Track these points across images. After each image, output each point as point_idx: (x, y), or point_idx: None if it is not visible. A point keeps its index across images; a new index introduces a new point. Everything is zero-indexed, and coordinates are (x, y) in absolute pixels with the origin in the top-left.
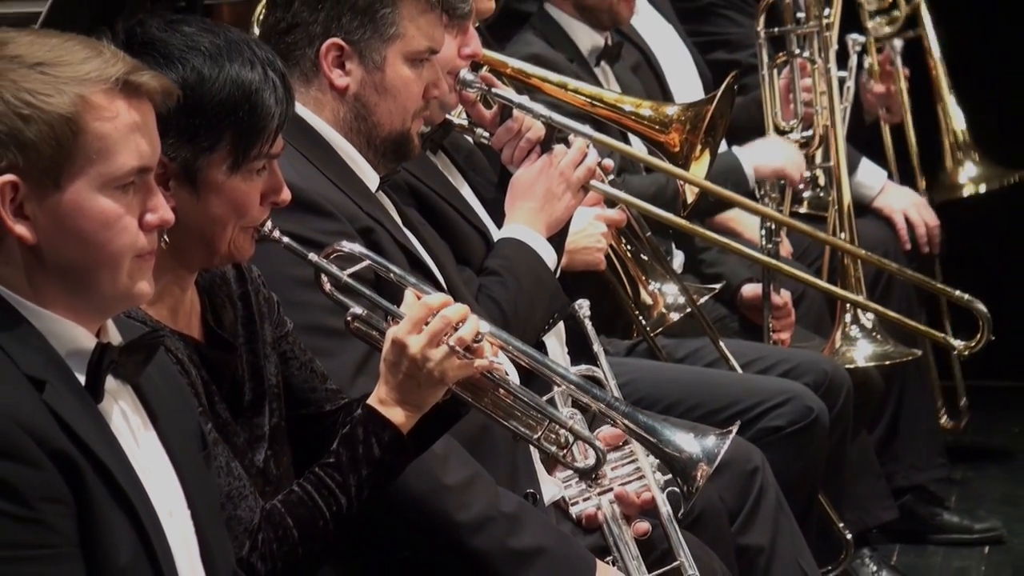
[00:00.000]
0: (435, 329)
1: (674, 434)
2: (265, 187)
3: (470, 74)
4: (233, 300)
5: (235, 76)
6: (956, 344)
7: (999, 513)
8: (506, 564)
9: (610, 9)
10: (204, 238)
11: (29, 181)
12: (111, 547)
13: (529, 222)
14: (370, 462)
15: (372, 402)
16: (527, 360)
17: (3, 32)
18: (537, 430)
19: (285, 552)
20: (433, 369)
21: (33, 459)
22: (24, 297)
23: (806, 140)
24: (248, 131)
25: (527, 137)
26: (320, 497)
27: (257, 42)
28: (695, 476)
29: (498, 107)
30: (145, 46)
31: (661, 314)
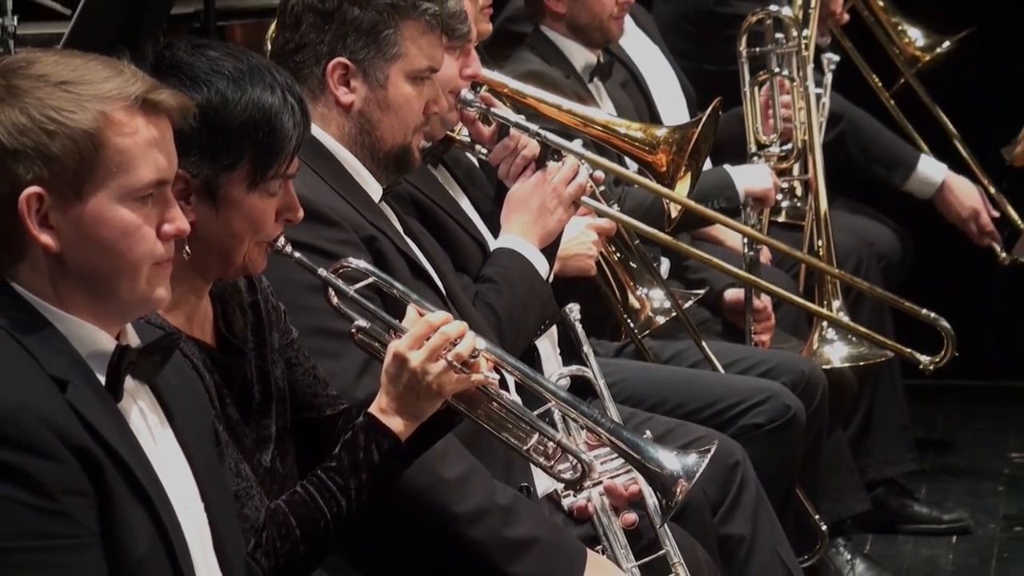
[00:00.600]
0: (435, 345)
1: (656, 452)
2: (280, 205)
3: (470, 94)
4: (244, 308)
5: (256, 99)
6: (922, 359)
7: (965, 505)
8: (502, 553)
9: (601, 27)
10: (221, 251)
11: (53, 193)
12: (130, 537)
13: (524, 234)
14: (370, 467)
15: (373, 411)
16: (520, 375)
17: (29, 52)
18: (527, 441)
19: (288, 550)
20: (432, 382)
21: (56, 454)
22: (48, 302)
23: (785, 153)
24: (267, 151)
25: (522, 154)
26: (322, 499)
27: (277, 68)
28: (675, 491)
29: (496, 125)
30: (173, 68)
31: (648, 317)
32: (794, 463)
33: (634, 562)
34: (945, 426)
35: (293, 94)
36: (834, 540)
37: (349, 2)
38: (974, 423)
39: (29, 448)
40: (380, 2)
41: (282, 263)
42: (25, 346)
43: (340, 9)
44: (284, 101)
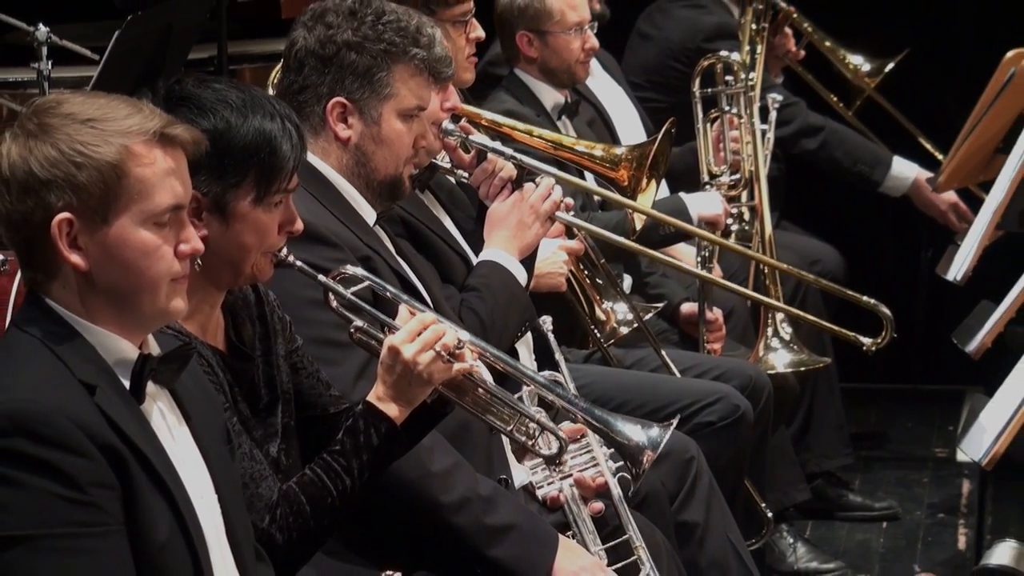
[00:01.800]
0: (426, 338)
1: (624, 426)
2: (282, 218)
3: (451, 124)
4: (252, 320)
5: (258, 125)
6: (865, 341)
7: (894, 494)
8: (483, 538)
9: (569, 70)
10: (231, 262)
11: (82, 218)
12: (151, 525)
13: (505, 247)
14: (369, 449)
15: (371, 399)
16: (501, 364)
17: (59, 94)
18: (510, 423)
19: (299, 524)
20: (423, 371)
21: (86, 451)
22: (78, 315)
23: (734, 183)
24: (269, 170)
25: (500, 176)
26: (328, 478)
27: (276, 99)
28: (642, 460)
29: (475, 152)
30: (182, 100)
31: (613, 328)
32: (743, 457)
33: (601, 546)
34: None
35: (291, 121)
36: (778, 526)
37: (346, 48)
38: (902, 422)
39: (62, 446)
40: (374, 48)
41: (287, 280)
42: (58, 355)
43: (338, 54)
44: (283, 127)
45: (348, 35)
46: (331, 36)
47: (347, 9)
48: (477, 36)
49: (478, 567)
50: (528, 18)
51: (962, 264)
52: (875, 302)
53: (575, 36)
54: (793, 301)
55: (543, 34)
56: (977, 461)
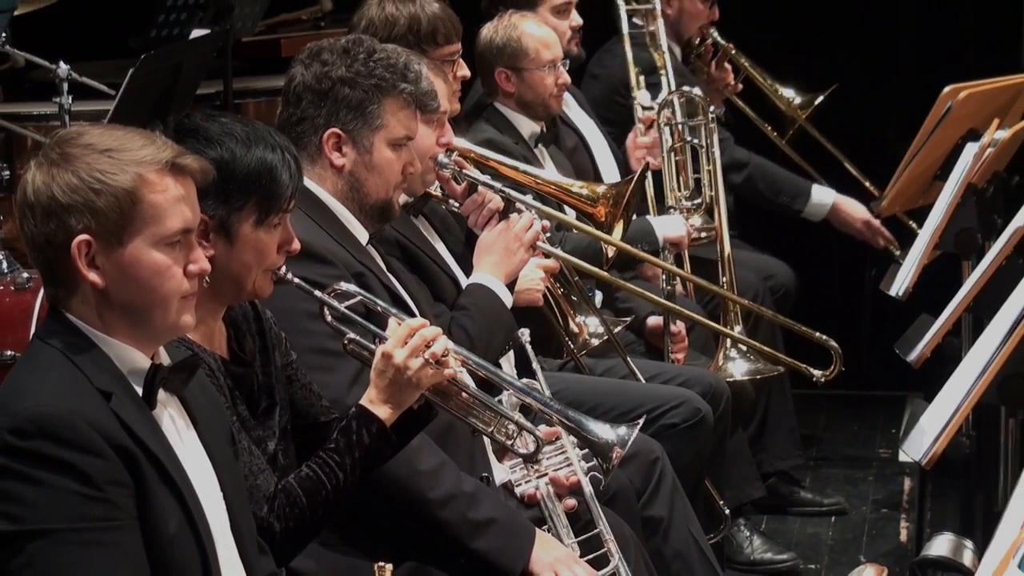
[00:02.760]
0: (414, 345)
1: (595, 426)
2: (281, 239)
3: (445, 158)
4: (252, 334)
5: (260, 156)
6: (815, 373)
7: (842, 491)
8: (466, 531)
9: (543, 103)
10: (234, 278)
11: (99, 240)
12: (162, 520)
13: (492, 271)
14: (361, 447)
15: (363, 402)
16: (483, 372)
17: (79, 126)
18: (491, 425)
19: (296, 514)
20: (412, 376)
21: (102, 452)
22: (95, 328)
23: (696, 206)
24: (269, 196)
25: (488, 207)
26: (323, 473)
27: (277, 132)
28: (611, 457)
29: (466, 184)
30: (191, 131)
31: (585, 340)
32: (703, 457)
33: (574, 539)
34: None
35: (290, 152)
36: (736, 520)
37: (340, 83)
38: (849, 425)
39: (80, 447)
40: (366, 83)
41: (286, 295)
42: (77, 364)
43: (333, 89)
44: (283, 158)
45: (342, 71)
46: (326, 72)
47: (341, 48)
48: (463, 75)
49: (462, 558)
50: (506, 56)
51: (903, 281)
52: (825, 337)
53: (548, 72)
54: (747, 319)
55: (519, 71)
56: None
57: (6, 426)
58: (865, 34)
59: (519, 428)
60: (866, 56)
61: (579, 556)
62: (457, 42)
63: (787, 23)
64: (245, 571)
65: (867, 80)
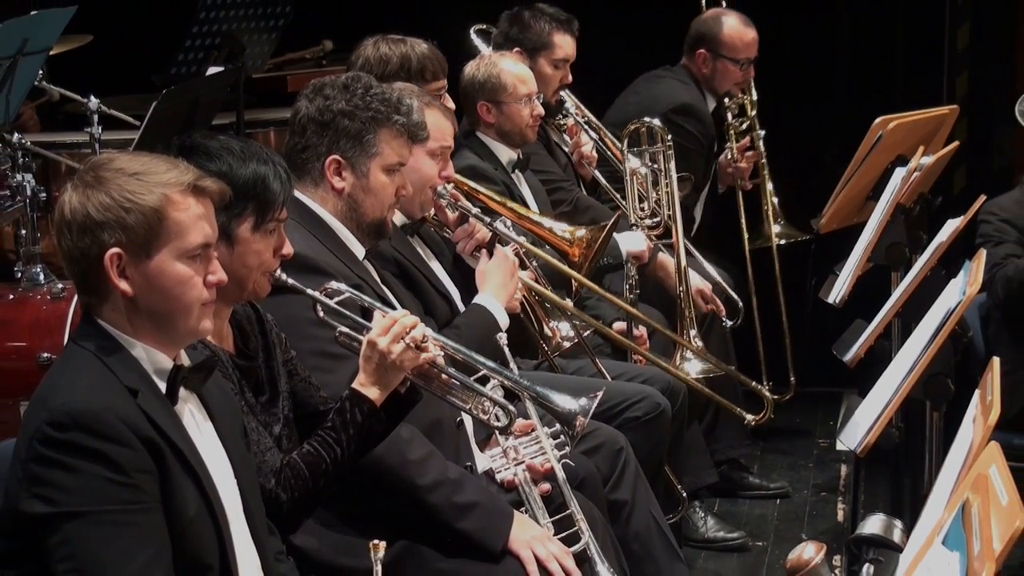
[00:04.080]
0: (396, 332)
1: (559, 397)
2: (276, 244)
3: (443, 189)
4: (256, 334)
5: (254, 168)
6: (747, 417)
7: (786, 476)
8: (452, 513)
9: (520, 133)
10: (237, 279)
11: (129, 253)
12: (183, 503)
13: (495, 294)
14: (355, 425)
15: (355, 385)
16: (460, 356)
17: (110, 153)
18: (468, 402)
19: (300, 485)
20: (395, 359)
21: (131, 443)
22: (124, 332)
23: (655, 224)
24: (264, 203)
25: (476, 237)
26: (322, 448)
27: (269, 148)
28: (576, 424)
29: (459, 214)
30: (193, 148)
31: (558, 343)
32: (663, 446)
33: (548, 520)
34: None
35: (280, 165)
36: (692, 503)
37: (340, 115)
38: (792, 418)
39: (111, 439)
40: (363, 115)
41: (290, 305)
42: (107, 365)
43: (334, 120)
44: (274, 169)
45: (342, 105)
46: (328, 106)
47: (341, 84)
48: (449, 107)
49: (449, 537)
50: (487, 91)
51: (840, 290)
52: (761, 387)
53: (525, 105)
54: (703, 323)
55: (499, 104)
56: (853, 450)
57: (45, 419)
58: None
59: (493, 403)
60: (807, 89)
61: (553, 535)
62: (443, 78)
63: None
64: (256, 549)
65: (808, 111)
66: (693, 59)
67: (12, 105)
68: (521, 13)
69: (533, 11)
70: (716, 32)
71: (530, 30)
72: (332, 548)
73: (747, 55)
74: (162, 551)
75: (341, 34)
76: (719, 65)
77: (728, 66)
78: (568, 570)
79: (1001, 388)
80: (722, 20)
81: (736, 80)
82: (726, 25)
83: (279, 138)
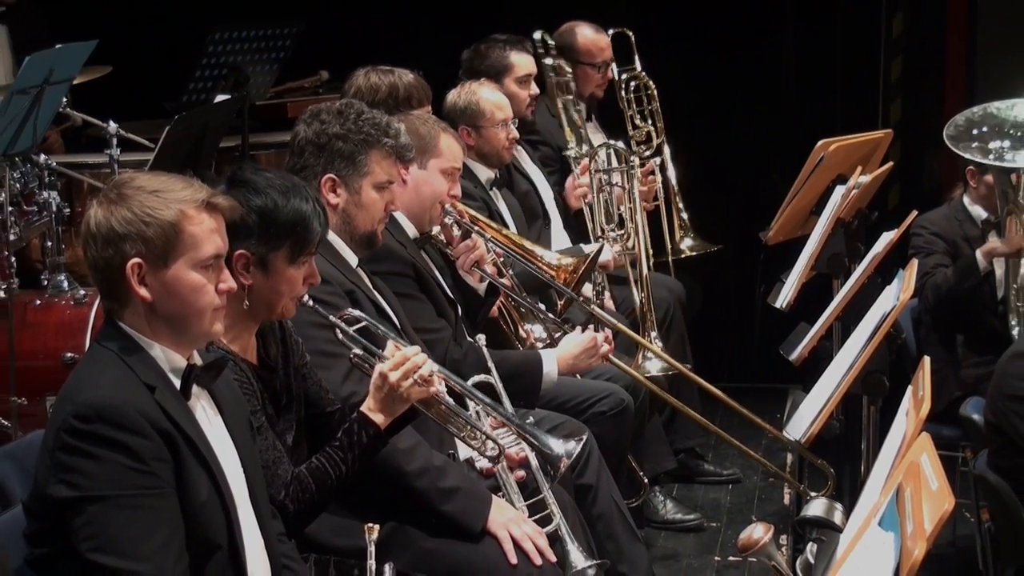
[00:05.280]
0: (406, 368)
1: (549, 440)
2: (306, 273)
3: (450, 208)
4: (276, 342)
5: (296, 206)
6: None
7: (737, 464)
8: (437, 497)
9: (497, 154)
10: (268, 303)
11: (148, 262)
12: (195, 490)
13: (563, 364)
14: (361, 445)
15: (364, 409)
16: (460, 388)
17: (131, 173)
18: (463, 431)
19: (307, 498)
20: (403, 392)
21: (148, 434)
22: (143, 334)
23: (620, 234)
24: (302, 241)
25: (475, 252)
26: (330, 466)
27: (310, 187)
28: (559, 466)
29: (461, 231)
30: (243, 182)
31: (532, 344)
32: (626, 437)
33: (523, 503)
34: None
35: (320, 205)
36: (652, 488)
37: (335, 138)
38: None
39: (131, 430)
40: (356, 138)
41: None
42: (128, 364)
43: (329, 143)
44: (315, 209)
45: (336, 128)
46: (324, 129)
47: (335, 110)
48: None
49: (434, 518)
50: (467, 116)
51: (786, 295)
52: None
53: (501, 129)
54: (663, 325)
55: (478, 128)
56: (798, 440)
57: (71, 412)
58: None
59: (485, 436)
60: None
61: (528, 517)
62: (428, 104)
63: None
64: (260, 531)
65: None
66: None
67: (39, 129)
68: (478, 47)
69: (487, 42)
70: (572, 42)
71: (489, 58)
72: (328, 530)
73: (603, 58)
74: (176, 532)
75: (336, 65)
76: (579, 72)
77: (588, 71)
78: (541, 549)
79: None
80: (575, 31)
81: (597, 83)
82: (580, 35)
83: (279, 159)
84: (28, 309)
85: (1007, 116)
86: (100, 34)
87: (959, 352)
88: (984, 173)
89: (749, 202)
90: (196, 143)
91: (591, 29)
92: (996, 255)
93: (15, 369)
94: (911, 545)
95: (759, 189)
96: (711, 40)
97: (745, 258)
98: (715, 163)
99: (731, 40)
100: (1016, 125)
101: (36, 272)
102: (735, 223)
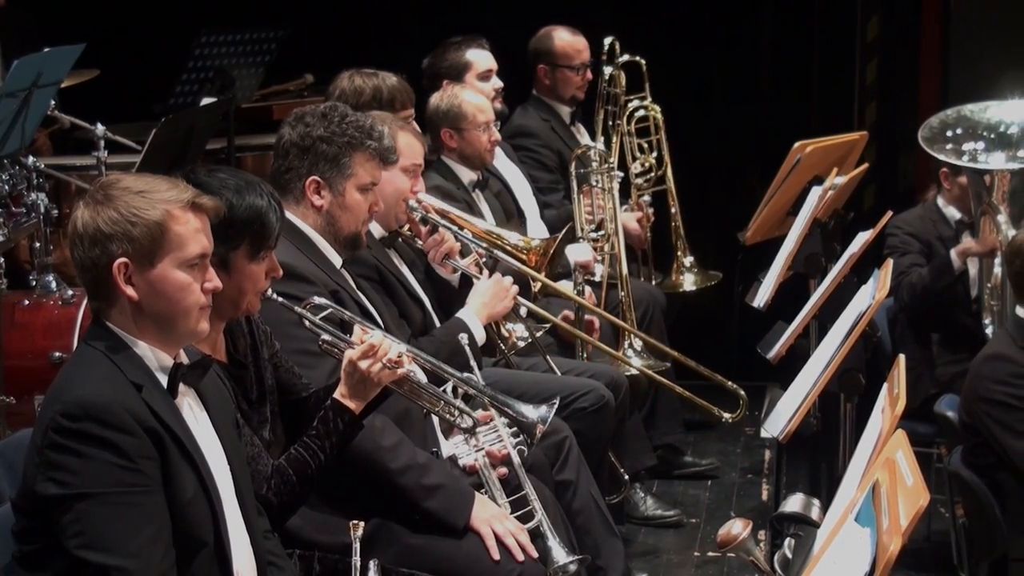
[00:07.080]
0: (377, 355)
1: (521, 407)
2: (267, 268)
3: (415, 203)
4: (244, 335)
5: (251, 203)
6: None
7: (716, 460)
8: (420, 494)
9: (479, 156)
10: (232, 301)
11: (134, 262)
12: (181, 487)
13: (478, 312)
14: (337, 432)
15: (337, 396)
16: (430, 365)
17: (117, 174)
18: (436, 406)
19: (288, 490)
20: (373, 376)
21: (135, 432)
22: (130, 333)
23: (599, 236)
24: (260, 237)
25: (445, 245)
26: (308, 455)
27: (264, 182)
28: (535, 431)
29: (430, 226)
30: (197, 186)
31: (513, 342)
32: (607, 433)
33: (505, 500)
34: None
35: (275, 199)
36: (633, 484)
37: (320, 141)
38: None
39: (119, 428)
40: (340, 141)
41: (275, 310)
42: (115, 362)
43: (314, 145)
44: (270, 204)
45: (321, 131)
46: (308, 132)
47: (320, 113)
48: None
49: (417, 515)
50: (449, 119)
51: (764, 295)
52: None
53: (483, 132)
54: (642, 324)
55: (460, 131)
56: (776, 436)
57: (59, 410)
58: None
59: (459, 410)
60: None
61: (510, 513)
62: (411, 107)
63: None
64: (246, 528)
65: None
66: (535, 77)
67: (27, 132)
68: (435, 51)
69: (443, 46)
70: (549, 46)
71: (447, 60)
72: (313, 526)
73: (581, 60)
74: (163, 528)
75: (321, 68)
76: (558, 75)
77: (567, 74)
78: (523, 545)
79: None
80: (552, 35)
81: (577, 85)
82: (557, 38)
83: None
84: (16, 309)
85: (980, 119)
86: (88, 37)
87: (934, 350)
88: (958, 174)
89: (727, 203)
90: (183, 145)
91: (568, 32)
92: (970, 255)
93: (3, 368)
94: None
95: (736, 190)
96: (688, 42)
97: (723, 258)
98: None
99: (709, 42)
100: (989, 127)
101: (24, 273)
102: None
